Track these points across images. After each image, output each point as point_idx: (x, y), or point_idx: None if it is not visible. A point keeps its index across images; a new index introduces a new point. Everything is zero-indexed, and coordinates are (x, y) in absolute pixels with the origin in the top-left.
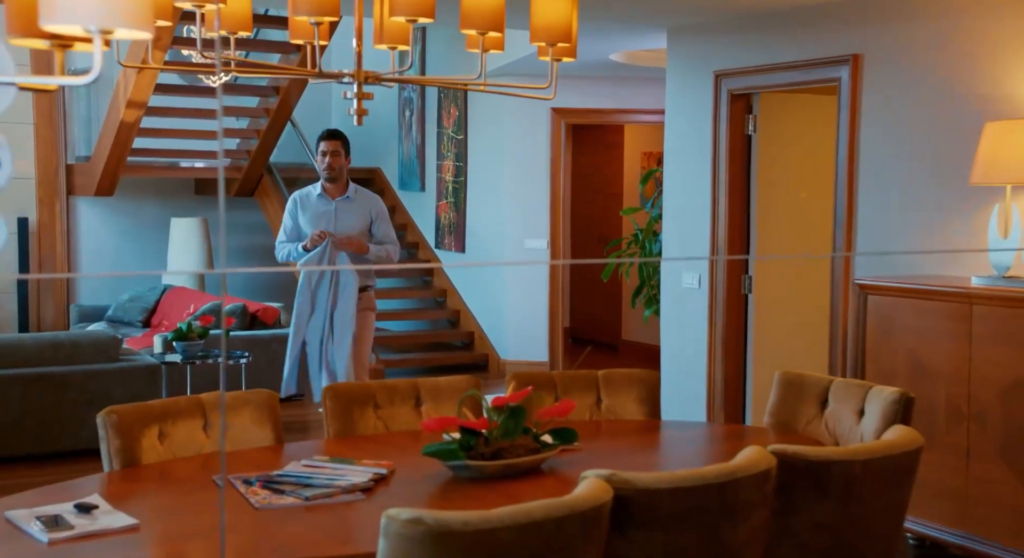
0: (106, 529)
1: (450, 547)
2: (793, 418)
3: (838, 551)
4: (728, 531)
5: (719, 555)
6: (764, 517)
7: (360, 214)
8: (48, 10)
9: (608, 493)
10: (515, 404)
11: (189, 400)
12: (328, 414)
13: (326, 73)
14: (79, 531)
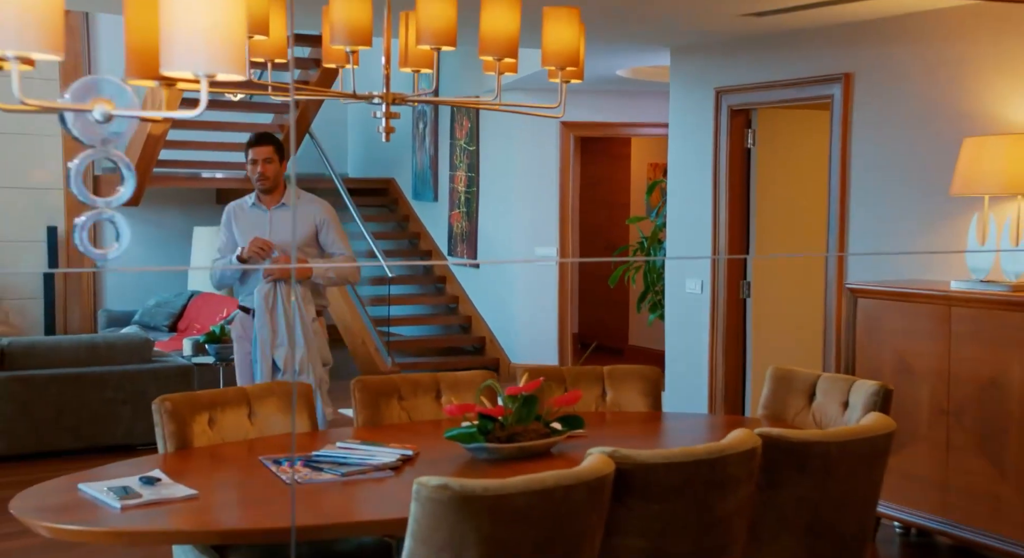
0: (169, 498)
1: (472, 509)
2: (783, 410)
3: (817, 523)
4: (717, 502)
5: (709, 524)
6: (750, 491)
7: (301, 222)
8: (168, 60)
9: (610, 467)
10: (528, 393)
11: (236, 391)
12: (357, 404)
13: (360, 95)
14: (146, 499)
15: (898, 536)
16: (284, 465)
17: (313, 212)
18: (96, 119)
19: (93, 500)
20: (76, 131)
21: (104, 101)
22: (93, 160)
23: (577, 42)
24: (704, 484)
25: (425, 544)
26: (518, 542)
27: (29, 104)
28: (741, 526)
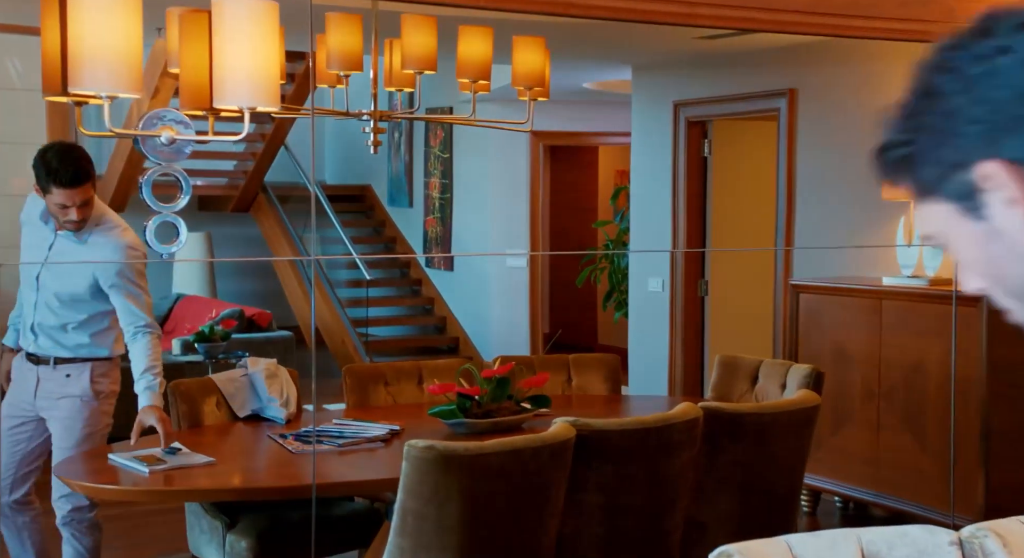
0: (191, 464)
1: (454, 466)
2: (730, 392)
3: (752, 484)
4: (664, 464)
5: (657, 482)
6: (693, 455)
7: (85, 269)
8: (220, 96)
9: (572, 432)
10: (501, 376)
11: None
12: (347, 390)
13: (351, 113)
14: (171, 465)
15: (837, 509)
16: (290, 438)
17: (110, 251)
18: (162, 142)
19: (123, 467)
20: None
21: (169, 128)
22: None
23: (543, 66)
24: (653, 448)
25: (414, 496)
26: (493, 495)
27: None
28: (685, 485)
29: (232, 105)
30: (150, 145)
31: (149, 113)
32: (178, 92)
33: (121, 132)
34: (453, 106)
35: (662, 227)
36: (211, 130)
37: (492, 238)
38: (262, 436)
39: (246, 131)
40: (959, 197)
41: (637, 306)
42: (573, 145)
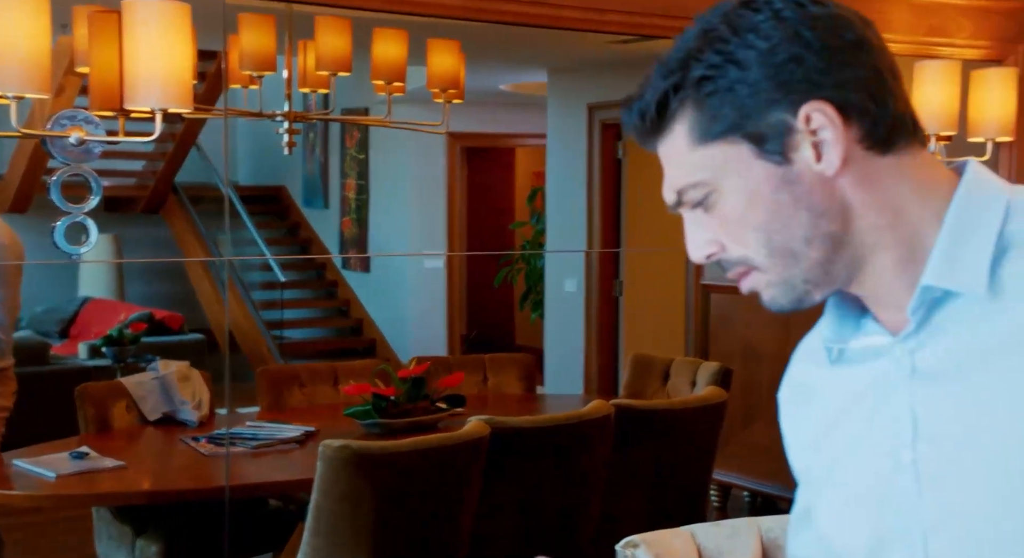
0: (100, 468)
1: (368, 465)
2: (643, 390)
3: (663, 479)
4: (577, 461)
5: (572, 477)
6: (606, 450)
7: None
8: (131, 97)
9: (486, 430)
10: (416, 376)
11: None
12: (261, 392)
13: (264, 113)
14: (78, 469)
15: (747, 504)
16: (203, 441)
17: None
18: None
19: (28, 472)
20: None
21: (79, 129)
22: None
23: (457, 68)
24: (565, 445)
25: (328, 496)
26: (407, 493)
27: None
28: (598, 481)
29: (144, 107)
30: (59, 145)
31: (58, 113)
32: (85, 90)
33: (29, 133)
34: (369, 107)
35: (577, 228)
36: (121, 131)
37: (409, 239)
38: (174, 439)
39: (158, 132)
40: (763, 138)
41: (553, 306)
42: (490, 147)
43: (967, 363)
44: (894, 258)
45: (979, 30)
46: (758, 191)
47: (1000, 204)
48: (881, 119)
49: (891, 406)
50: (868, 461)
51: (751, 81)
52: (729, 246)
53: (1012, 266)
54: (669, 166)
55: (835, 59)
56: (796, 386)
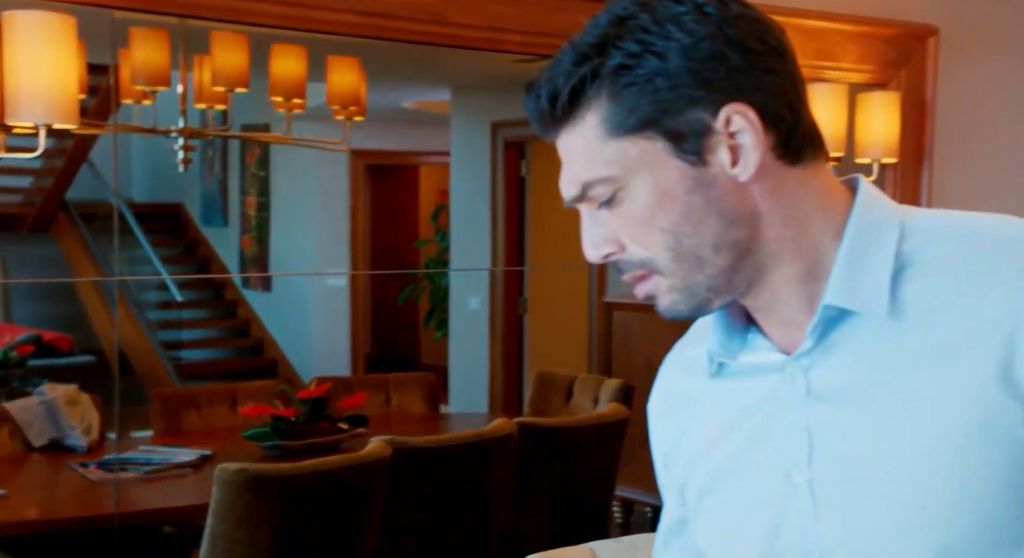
0: None
1: (266, 489)
2: (546, 408)
3: (566, 496)
4: (480, 480)
5: (475, 496)
6: (510, 468)
7: None
8: (12, 112)
9: (388, 450)
10: (317, 396)
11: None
12: (156, 415)
13: (158, 129)
14: None
15: (649, 520)
16: (92, 467)
17: None
18: None
19: None
20: None
21: None
22: None
23: (358, 85)
24: (469, 464)
25: (224, 521)
26: (307, 516)
27: None
28: (502, 499)
29: (26, 122)
30: None
31: None
32: None
33: None
34: (270, 123)
35: (481, 246)
36: (2, 147)
37: (312, 257)
38: (61, 466)
39: (42, 148)
40: (681, 136)
41: (457, 324)
42: (394, 164)
43: (866, 383)
44: (795, 271)
45: (864, 55)
46: (671, 191)
47: (894, 224)
48: (795, 128)
49: (785, 425)
50: (758, 481)
51: (672, 74)
52: (630, 247)
53: (910, 286)
54: (573, 158)
55: (757, 62)
56: (670, 397)
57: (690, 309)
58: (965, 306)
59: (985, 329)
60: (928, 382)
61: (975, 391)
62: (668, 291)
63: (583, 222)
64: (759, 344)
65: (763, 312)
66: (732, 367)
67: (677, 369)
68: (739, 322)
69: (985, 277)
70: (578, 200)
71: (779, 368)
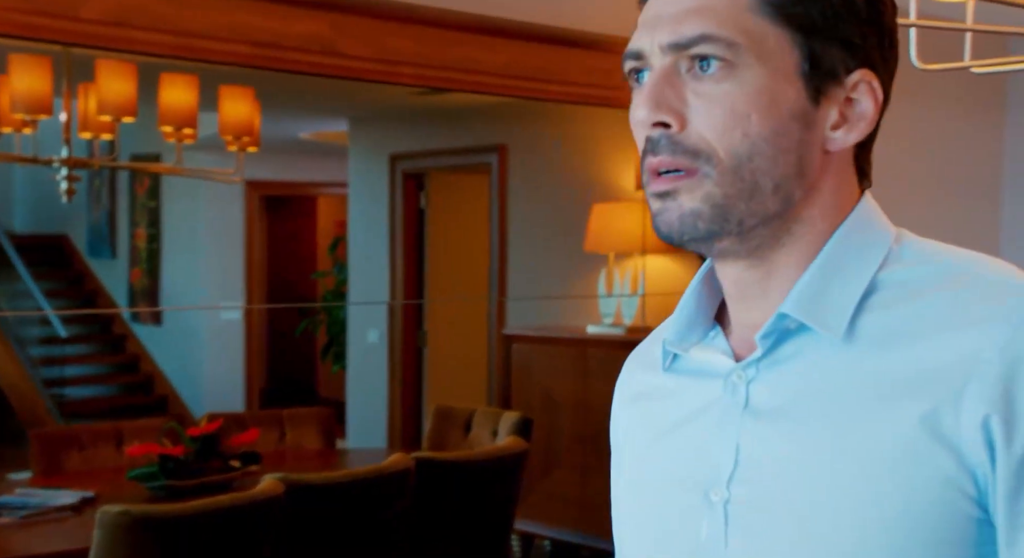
0: None
1: (152, 532)
2: (445, 441)
3: (465, 529)
4: (379, 514)
5: (372, 532)
6: (407, 503)
7: None
8: None
9: (281, 488)
10: (208, 433)
11: None
12: (34, 456)
13: (39, 159)
14: None
15: (548, 553)
16: None
17: None
18: None
19: None
20: None
21: None
22: None
23: (251, 116)
24: (366, 500)
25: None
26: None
27: None
28: (400, 534)
29: None
30: None
31: None
32: None
33: None
34: (161, 153)
35: (380, 278)
36: None
37: (205, 290)
38: None
39: None
40: (818, 63)
41: (356, 358)
42: (291, 195)
43: (804, 406)
44: (789, 266)
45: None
46: (779, 104)
47: (881, 248)
48: (878, 128)
49: (717, 438)
50: (678, 495)
51: (851, 6)
52: (697, 129)
53: (873, 313)
54: (698, 9)
55: (894, 44)
56: (626, 387)
57: (702, 232)
58: (920, 346)
59: (934, 374)
60: (865, 417)
61: (908, 437)
62: (701, 199)
63: (652, 77)
64: (716, 343)
65: (740, 299)
66: (684, 364)
67: (637, 360)
68: (705, 317)
69: (948, 320)
70: (678, 48)
71: (725, 375)
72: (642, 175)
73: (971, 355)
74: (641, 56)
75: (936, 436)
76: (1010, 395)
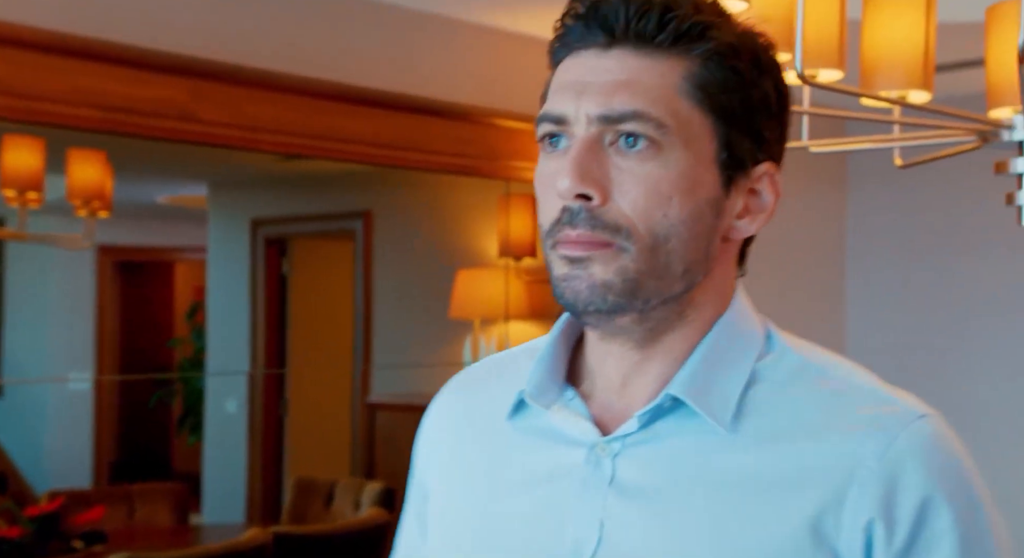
0: None
1: None
2: (306, 514)
3: None
4: None
5: None
6: None
7: None
8: None
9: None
10: (48, 512)
11: None
12: None
13: None
14: None
15: None
16: None
17: None
18: None
19: None
20: None
21: None
22: None
23: (102, 180)
24: None
25: None
26: None
27: None
28: None
29: None
30: None
31: None
32: None
33: None
34: (4, 217)
35: (240, 346)
36: None
37: (51, 360)
38: None
39: None
40: (734, 152)
41: (213, 429)
42: (147, 260)
43: (678, 490)
44: (685, 345)
45: None
46: (698, 189)
47: (756, 339)
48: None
49: (578, 511)
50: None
51: (766, 100)
52: (619, 205)
53: (753, 405)
54: (636, 85)
55: (786, 138)
56: (453, 430)
57: (609, 305)
58: (801, 445)
59: (817, 474)
60: (747, 511)
61: (787, 535)
62: (615, 272)
63: (577, 148)
64: (574, 406)
65: (616, 372)
66: (535, 421)
67: (467, 393)
68: (559, 375)
69: (828, 422)
70: (607, 121)
71: (587, 444)
72: (544, 236)
73: (853, 461)
74: (563, 122)
75: (819, 537)
76: (890, 501)
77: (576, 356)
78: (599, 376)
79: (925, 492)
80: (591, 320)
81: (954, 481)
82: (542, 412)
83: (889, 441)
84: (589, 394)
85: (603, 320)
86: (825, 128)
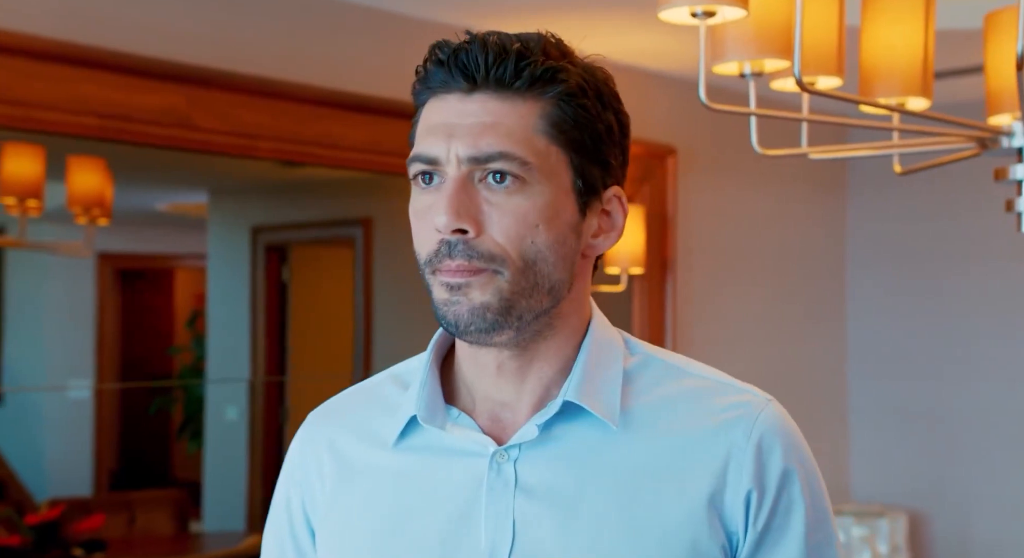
0: None
1: None
2: None
3: None
4: None
5: None
6: None
7: None
8: None
9: None
10: (48, 520)
11: None
12: None
13: None
14: None
15: None
16: None
17: None
18: None
19: None
20: None
21: None
22: None
23: (102, 188)
24: None
25: None
26: None
27: None
28: None
29: None
30: None
31: None
32: None
33: None
34: (4, 225)
35: (240, 353)
36: None
37: (51, 368)
38: None
39: None
40: (587, 180)
41: (213, 436)
42: (147, 268)
43: (582, 487)
44: (560, 357)
45: None
46: (560, 216)
47: (619, 344)
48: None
49: (489, 516)
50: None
51: (610, 131)
52: (492, 236)
53: (632, 402)
54: (498, 127)
55: (627, 162)
56: (333, 468)
57: (488, 323)
58: (681, 434)
59: (698, 458)
60: (644, 496)
61: (688, 514)
62: (491, 293)
63: (450, 187)
64: (464, 422)
65: (496, 381)
66: (426, 441)
67: (339, 426)
68: (440, 398)
69: (697, 412)
70: (476, 162)
71: (486, 454)
72: (423, 264)
73: (727, 443)
74: (436, 162)
75: (713, 509)
76: (761, 472)
77: (446, 377)
78: (477, 391)
79: (785, 463)
80: (472, 339)
81: (801, 452)
82: (433, 432)
83: (751, 424)
84: (471, 409)
85: (483, 338)
86: (825, 135)
